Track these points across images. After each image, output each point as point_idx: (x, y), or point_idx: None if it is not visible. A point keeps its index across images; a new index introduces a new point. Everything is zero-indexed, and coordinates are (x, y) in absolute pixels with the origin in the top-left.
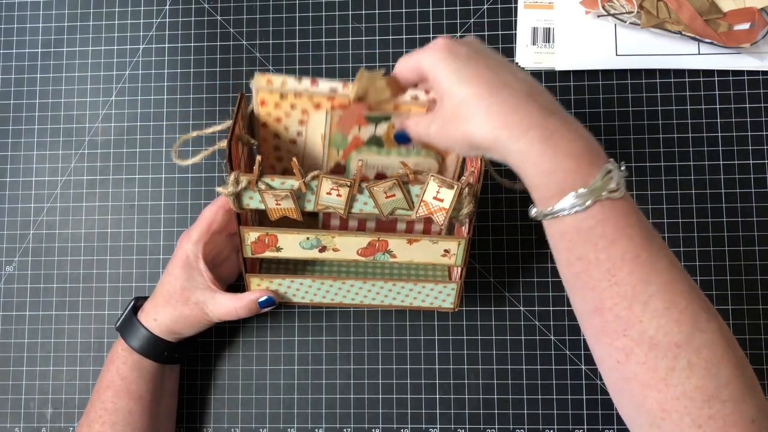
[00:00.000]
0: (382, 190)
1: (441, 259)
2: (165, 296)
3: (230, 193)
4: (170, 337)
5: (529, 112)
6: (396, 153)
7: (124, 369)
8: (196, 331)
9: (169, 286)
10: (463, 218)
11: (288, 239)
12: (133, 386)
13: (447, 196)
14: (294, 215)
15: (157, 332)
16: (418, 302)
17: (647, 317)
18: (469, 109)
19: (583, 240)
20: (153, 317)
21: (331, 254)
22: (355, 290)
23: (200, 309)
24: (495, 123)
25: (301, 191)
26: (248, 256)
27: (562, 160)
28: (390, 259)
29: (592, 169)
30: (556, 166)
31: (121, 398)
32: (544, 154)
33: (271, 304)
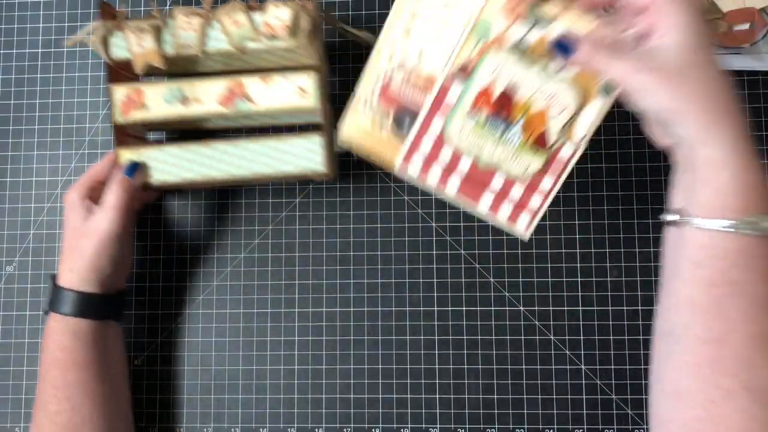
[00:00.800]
0: (227, 16)
1: (299, 102)
2: (68, 247)
3: (98, 38)
4: (93, 283)
5: (743, 120)
6: (540, 68)
7: (62, 340)
8: (113, 254)
9: (66, 238)
10: (305, 40)
11: (153, 92)
12: (77, 355)
13: (286, 15)
14: (156, 59)
15: (80, 287)
16: (288, 167)
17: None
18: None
19: (747, 266)
20: (68, 270)
21: (195, 107)
22: (221, 156)
23: (94, 229)
24: (720, 110)
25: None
26: (118, 121)
27: (760, 183)
28: (251, 106)
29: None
30: (754, 183)
31: (69, 371)
32: (750, 167)
33: (135, 168)
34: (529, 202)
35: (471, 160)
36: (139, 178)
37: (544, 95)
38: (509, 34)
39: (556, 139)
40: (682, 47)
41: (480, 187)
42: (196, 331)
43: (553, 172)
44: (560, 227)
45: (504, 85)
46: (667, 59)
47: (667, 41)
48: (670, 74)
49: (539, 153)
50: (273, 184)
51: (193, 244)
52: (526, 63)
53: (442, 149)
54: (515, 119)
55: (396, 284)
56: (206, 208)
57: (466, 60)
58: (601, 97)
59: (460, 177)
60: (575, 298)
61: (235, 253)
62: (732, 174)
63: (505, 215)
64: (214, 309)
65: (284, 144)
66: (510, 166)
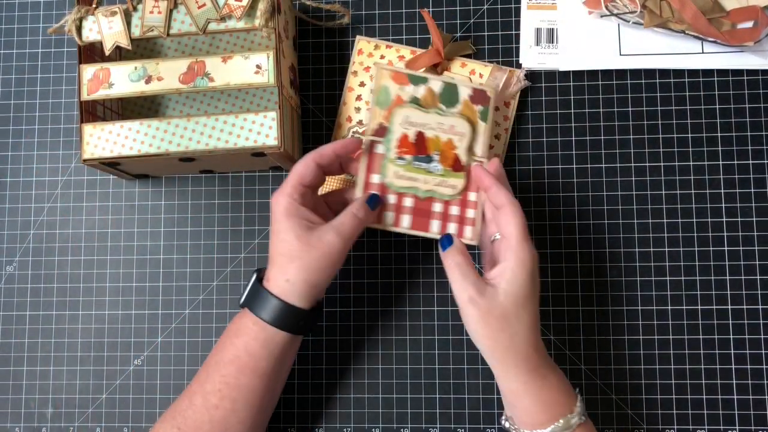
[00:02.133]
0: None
1: (255, 78)
2: (287, 255)
3: (73, 19)
4: (306, 298)
5: (541, 354)
6: (435, 112)
7: (253, 345)
8: (332, 274)
9: (285, 244)
10: (261, 22)
11: (119, 71)
12: (261, 363)
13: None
14: (123, 40)
15: (291, 298)
16: (243, 141)
17: None
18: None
19: None
20: (284, 279)
21: (157, 85)
22: (180, 132)
23: (325, 244)
24: (520, 355)
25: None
26: (84, 98)
27: (557, 392)
28: (209, 83)
29: (572, 398)
30: (550, 399)
31: (246, 375)
32: (544, 386)
33: (377, 200)
34: (466, 216)
35: (412, 197)
36: (376, 212)
37: (446, 129)
38: (404, 94)
39: (467, 160)
40: (509, 297)
41: (426, 216)
42: (196, 331)
43: (473, 187)
44: (560, 227)
45: (415, 130)
46: (495, 304)
47: (503, 284)
48: (490, 318)
49: (459, 174)
50: (273, 184)
51: (192, 244)
52: (423, 110)
53: (387, 197)
54: (432, 153)
55: (396, 284)
56: (206, 208)
57: (379, 123)
58: (482, 122)
59: (409, 213)
60: (575, 298)
61: (235, 253)
62: (531, 399)
63: (453, 232)
64: (214, 309)
65: (239, 119)
66: (442, 191)
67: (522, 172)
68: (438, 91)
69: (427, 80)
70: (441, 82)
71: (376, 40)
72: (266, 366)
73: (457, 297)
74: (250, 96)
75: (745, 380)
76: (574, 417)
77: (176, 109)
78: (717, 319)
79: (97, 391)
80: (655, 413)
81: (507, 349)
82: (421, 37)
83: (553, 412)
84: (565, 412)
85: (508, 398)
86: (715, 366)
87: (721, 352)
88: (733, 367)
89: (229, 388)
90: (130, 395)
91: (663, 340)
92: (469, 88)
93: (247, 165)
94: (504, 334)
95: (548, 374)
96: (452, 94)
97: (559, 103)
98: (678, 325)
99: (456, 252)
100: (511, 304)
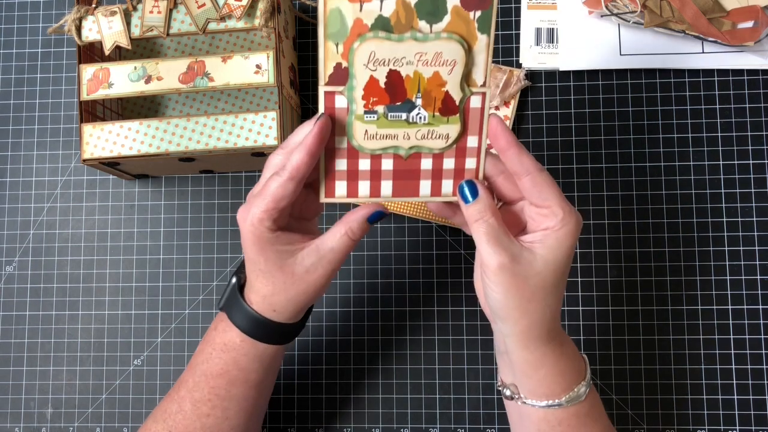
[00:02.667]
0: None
1: (255, 78)
2: (270, 286)
3: (73, 19)
4: (294, 317)
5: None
6: (411, 37)
7: (243, 360)
8: (322, 293)
9: (268, 277)
10: (261, 21)
11: (119, 71)
12: (252, 375)
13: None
14: (123, 40)
15: (278, 319)
16: (243, 141)
17: None
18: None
19: (580, 424)
20: (268, 304)
21: (156, 84)
22: (180, 132)
23: (311, 275)
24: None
25: (129, 11)
26: (84, 98)
27: (571, 359)
28: (209, 83)
29: (582, 364)
30: (566, 367)
31: (237, 387)
32: (562, 355)
33: (380, 216)
34: (465, 167)
35: (391, 158)
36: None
37: (429, 59)
38: (365, 15)
39: (462, 96)
40: (550, 266)
41: (413, 178)
42: (196, 331)
43: (473, 129)
44: None
45: (386, 70)
46: (531, 271)
47: (544, 251)
48: (525, 288)
49: (452, 118)
50: None
51: (192, 244)
52: (395, 37)
53: (358, 162)
54: (413, 97)
55: (396, 284)
56: (206, 208)
57: (335, 64)
58: (481, 34)
59: (389, 179)
60: (575, 298)
61: (235, 253)
62: (549, 369)
63: (449, 191)
64: (214, 309)
65: (239, 119)
66: (431, 144)
67: None
68: (414, 0)
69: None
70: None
71: None
72: (257, 377)
73: (486, 262)
74: (250, 96)
75: (746, 380)
76: (585, 385)
77: (176, 109)
78: (717, 319)
79: (96, 391)
80: (655, 413)
81: (534, 322)
82: None
83: (569, 380)
84: (579, 380)
85: (521, 369)
86: (716, 366)
87: (721, 352)
88: (734, 367)
89: (219, 399)
90: (130, 395)
91: (663, 340)
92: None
93: (247, 165)
94: (536, 305)
95: (564, 341)
96: (435, 1)
97: (559, 103)
98: (678, 325)
99: (485, 209)
100: (551, 274)
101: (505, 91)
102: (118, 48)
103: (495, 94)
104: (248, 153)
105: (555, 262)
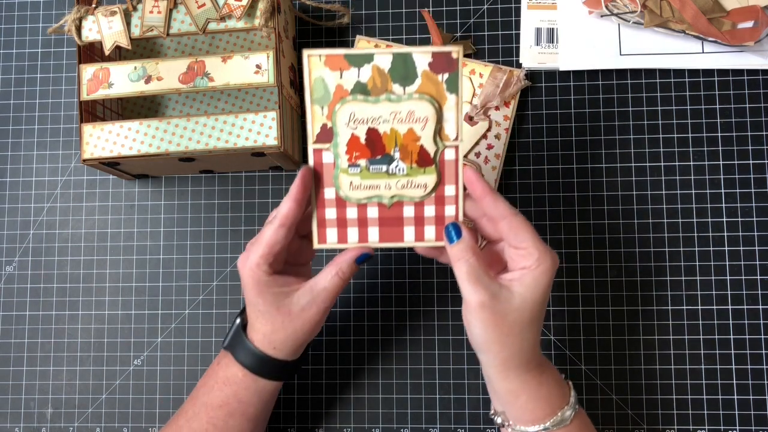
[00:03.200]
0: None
1: (255, 78)
2: (269, 326)
3: (73, 19)
4: (294, 354)
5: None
6: (386, 98)
7: (244, 394)
8: (320, 326)
9: (267, 316)
10: (261, 21)
11: (119, 71)
12: (251, 409)
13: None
14: (123, 40)
15: (278, 355)
16: (243, 141)
17: None
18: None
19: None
20: (268, 342)
21: (156, 84)
22: (180, 132)
23: (306, 313)
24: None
25: (129, 11)
26: (84, 98)
27: (554, 386)
28: (209, 83)
29: (565, 389)
30: (549, 394)
31: (236, 419)
32: (542, 381)
33: (367, 257)
34: (445, 214)
35: (376, 206)
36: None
37: (403, 117)
38: (345, 82)
39: (436, 149)
40: (527, 303)
41: (397, 224)
42: (196, 331)
43: (449, 179)
44: (560, 227)
45: (365, 128)
46: (509, 308)
47: (521, 289)
48: (503, 324)
49: (428, 169)
50: (273, 184)
51: (192, 244)
52: (372, 99)
53: (346, 210)
54: (391, 151)
55: (396, 284)
56: (206, 208)
57: (322, 125)
58: (450, 94)
59: (375, 225)
60: (575, 298)
61: (235, 253)
62: (529, 396)
63: (432, 236)
64: (214, 309)
65: (239, 119)
66: (411, 193)
67: (522, 172)
68: (387, 67)
69: (371, 57)
70: (389, 55)
71: (376, 40)
72: (255, 411)
73: (466, 299)
74: (250, 96)
75: (746, 380)
76: (569, 409)
77: (176, 109)
78: (717, 319)
79: (96, 391)
80: (655, 413)
81: (514, 354)
82: (421, 37)
83: (551, 406)
84: (562, 404)
85: (503, 397)
86: (716, 366)
87: (722, 352)
88: (734, 367)
89: (217, 429)
90: (129, 395)
91: (663, 340)
92: (427, 55)
93: (247, 165)
94: (514, 339)
95: (545, 369)
96: (407, 67)
97: (559, 103)
98: (678, 325)
99: (466, 249)
100: (528, 311)
101: (505, 91)
102: (118, 48)
103: (495, 94)
104: (248, 153)
105: (532, 300)
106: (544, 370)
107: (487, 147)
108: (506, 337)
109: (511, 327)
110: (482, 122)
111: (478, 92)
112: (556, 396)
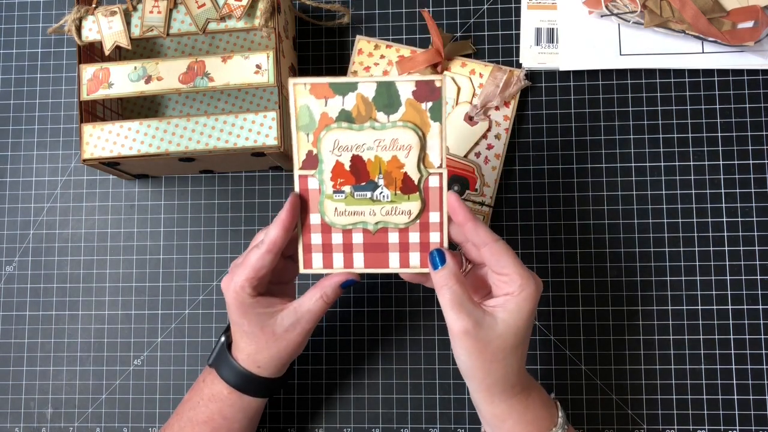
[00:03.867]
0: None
1: (255, 78)
2: (253, 346)
3: (73, 19)
4: (279, 372)
5: (525, 374)
6: (370, 127)
7: (228, 411)
8: (304, 346)
9: (251, 337)
10: (261, 21)
11: (118, 71)
12: (236, 425)
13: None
14: (123, 40)
15: (263, 374)
16: (243, 141)
17: None
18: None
19: None
20: (253, 361)
21: (156, 84)
22: (180, 132)
23: (290, 334)
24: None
25: (129, 11)
26: (84, 98)
27: (540, 408)
28: (209, 83)
29: (554, 410)
30: (534, 417)
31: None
32: (528, 405)
33: (352, 284)
34: (429, 240)
35: (361, 232)
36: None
37: (387, 145)
38: (330, 110)
39: (419, 177)
40: (511, 329)
41: (382, 250)
42: (196, 331)
43: (433, 206)
44: (560, 227)
45: (349, 155)
46: (492, 335)
47: (504, 315)
48: (487, 351)
49: (412, 196)
50: (273, 184)
51: (192, 244)
52: (356, 127)
53: (331, 236)
54: (375, 177)
55: (396, 284)
56: (206, 208)
57: (307, 152)
58: (433, 122)
59: (360, 251)
60: (575, 298)
61: (235, 253)
62: (515, 420)
63: (416, 263)
64: (214, 309)
65: (239, 119)
66: (396, 220)
67: (522, 172)
68: (371, 95)
69: (355, 86)
70: (373, 83)
71: (376, 39)
72: (239, 427)
73: (450, 327)
74: (250, 96)
75: (746, 380)
76: (558, 430)
77: (176, 109)
78: (717, 319)
79: (96, 391)
80: (655, 413)
81: (498, 380)
82: (421, 37)
83: (539, 427)
84: (550, 426)
85: (490, 422)
86: (716, 366)
87: (722, 352)
88: (734, 367)
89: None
90: (129, 395)
91: (663, 340)
92: (411, 83)
93: (247, 165)
94: (498, 365)
95: (531, 392)
96: (390, 96)
97: (559, 103)
98: (678, 325)
99: (450, 276)
100: (512, 336)
101: (505, 91)
102: (118, 48)
103: (495, 94)
104: (248, 153)
105: (515, 326)
106: (531, 392)
107: (487, 147)
108: (490, 363)
109: (495, 354)
110: (482, 122)
111: (478, 92)
112: (542, 418)
